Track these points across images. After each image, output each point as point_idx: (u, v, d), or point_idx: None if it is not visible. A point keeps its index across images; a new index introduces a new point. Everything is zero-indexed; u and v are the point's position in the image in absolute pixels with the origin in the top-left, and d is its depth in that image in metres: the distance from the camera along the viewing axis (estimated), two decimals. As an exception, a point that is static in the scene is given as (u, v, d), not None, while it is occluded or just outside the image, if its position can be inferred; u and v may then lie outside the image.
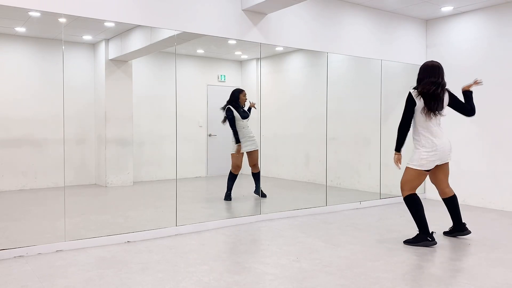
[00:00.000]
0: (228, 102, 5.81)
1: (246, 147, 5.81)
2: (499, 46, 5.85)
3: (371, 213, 5.57)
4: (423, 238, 3.96)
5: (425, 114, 3.96)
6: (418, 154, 4.00)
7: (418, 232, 4.02)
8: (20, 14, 4.59)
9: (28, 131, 6.15)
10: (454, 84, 6.41)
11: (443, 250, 3.89)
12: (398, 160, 4.18)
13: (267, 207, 5.26)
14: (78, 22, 4.68)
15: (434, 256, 3.70)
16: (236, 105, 5.78)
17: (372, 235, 4.39)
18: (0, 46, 5.99)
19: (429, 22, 6.66)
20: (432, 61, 4.12)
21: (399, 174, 6.72)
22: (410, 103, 4.08)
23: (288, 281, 3.07)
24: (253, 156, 5.85)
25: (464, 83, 6.21)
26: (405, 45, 6.45)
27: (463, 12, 6.20)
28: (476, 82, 4.20)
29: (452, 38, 6.38)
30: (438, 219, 5.26)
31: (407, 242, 4.04)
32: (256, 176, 5.87)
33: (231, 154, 5.82)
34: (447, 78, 6.43)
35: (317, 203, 5.64)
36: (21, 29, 5.73)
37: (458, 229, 4.30)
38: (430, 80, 3.96)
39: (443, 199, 4.30)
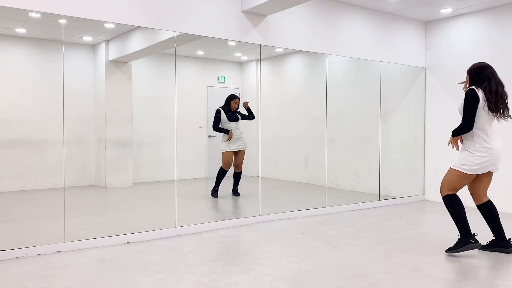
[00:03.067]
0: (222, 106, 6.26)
1: (234, 146, 6.19)
2: (498, 47, 5.86)
3: (370, 214, 5.58)
4: (466, 241, 3.72)
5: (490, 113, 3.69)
6: (471, 158, 3.69)
7: (459, 237, 3.78)
8: (20, 15, 4.60)
9: (28, 132, 6.16)
10: (453, 86, 6.44)
11: (442, 251, 3.89)
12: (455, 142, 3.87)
13: (267, 208, 5.26)
14: (78, 23, 4.69)
15: (433, 257, 3.71)
16: (225, 109, 6.19)
17: (371, 237, 4.40)
18: (0, 47, 6.00)
19: (429, 24, 6.68)
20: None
21: (398, 175, 6.76)
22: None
23: (287, 282, 3.07)
24: (239, 156, 6.23)
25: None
26: (404, 47, 6.47)
27: (463, 14, 6.21)
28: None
29: (451, 40, 6.39)
30: (437, 222, 5.26)
31: (450, 250, 3.77)
32: (238, 176, 6.27)
33: (222, 152, 6.17)
34: (446, 79, 6.48)
35: (317, 204, 5.65)
36: (21, 30, 5.74)
37: (499, 244, 3.84)
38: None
39: (478, 206, 3.89)
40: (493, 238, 3.89)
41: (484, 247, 3.90)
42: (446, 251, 3.80)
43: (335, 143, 6.45)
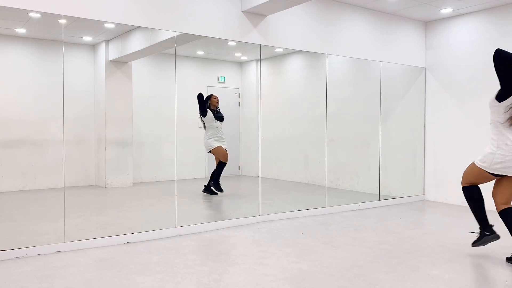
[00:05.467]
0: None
1: (221, 143, 6.23)
2: (498, 47, 5.85)
3: (370, 214, 5.58)
4: (484, 234, 3.63)
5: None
6: (491, 156, 3.40)
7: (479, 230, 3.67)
8: (20, 15, 4.60)
9: (28, 132, 6.15)
10: (453, 86, 6.45)
11: (442, 251, 3.90)
12: None
13: (267, 208, 5.26)
14: (78, 23, 4.69)
15: (433, 257, 3.71)
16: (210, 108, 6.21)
17: (371, 237, 4.40)
18: (0, 47, 5.99)
19: (429, 24, 6.68)
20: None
21: (398, 175, 6.76)
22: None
23: (287, 282, 3.07)
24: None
25: (464, 85, 6.25)
26: (404, 47, 6.47)
27: (463, 14, 6.21)
28: None
29: (451, 40, 6.39)
30: (437, 222, 5.26)
31: (474, 243, 3.71)
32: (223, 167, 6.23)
33: (215, 147, 6.20)
34: (446, 79, 6.48)
35: (317, 204, 5.65)
36: (21, 30, 5.74)
37: None
38: None
39: (499, 213, 3.54)
40: None
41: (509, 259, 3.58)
42: (472, 244, 3.73)
43: (335, 143, 6.44)
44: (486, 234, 3.61)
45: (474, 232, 3.77)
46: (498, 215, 3.54)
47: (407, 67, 6.59)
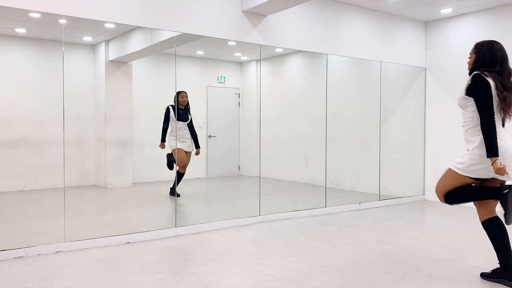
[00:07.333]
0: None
1: (184, 146, 5.95)
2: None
3: (370, 214, 5.58)
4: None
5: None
6: (468, 157, 3.00)
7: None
8: (21, 15, 4.60)
9: (28, 132, 6.15)
10: (453, 86, 6.44)
11: (442, 252, 3.90)
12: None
13: (267, 208, 5.26)
14: (78, 23, 4.69)
15: (433, 258, 3.71)
16: (175, 106, 5.89)
17: (371, 237, 4.40)
18: (0, 47, 6.00)
19: (429, 24, 6.68)
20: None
21: (398, 175, 6.76)
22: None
23: (287, 282, 3.07)
24: (187, 157, 5.97)
25: (464, 85, 6.23)
26: (404, 47, 6.47)
27: (463, 14, 6.21)
28: None
29: (451, 40, 6.39)
30: (437, 222, 5.26)
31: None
32: (181, 176, 5.94)
33: (174, 149, 5.87)
34: (446, 80, 6.48)
35: (317, 204, 5.65)
36: (21, 30, 5.74)
37: (503, 274, 3.04)
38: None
39: (482, 223, 3.10)
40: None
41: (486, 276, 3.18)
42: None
43: (335, 143, 6.44)
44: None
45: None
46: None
47: (407, 67, 6.59)
